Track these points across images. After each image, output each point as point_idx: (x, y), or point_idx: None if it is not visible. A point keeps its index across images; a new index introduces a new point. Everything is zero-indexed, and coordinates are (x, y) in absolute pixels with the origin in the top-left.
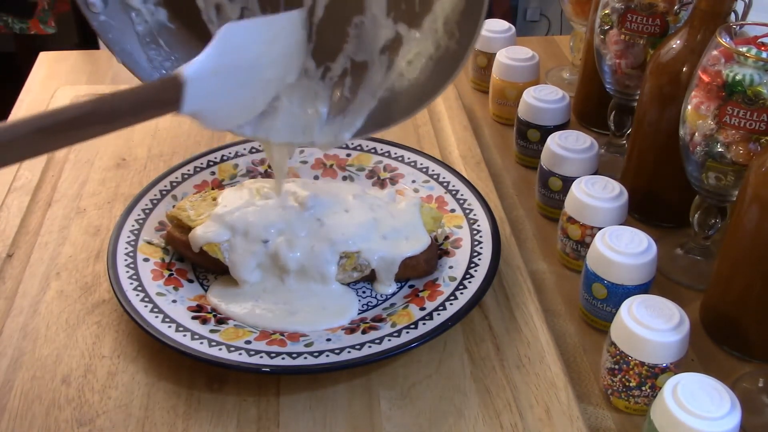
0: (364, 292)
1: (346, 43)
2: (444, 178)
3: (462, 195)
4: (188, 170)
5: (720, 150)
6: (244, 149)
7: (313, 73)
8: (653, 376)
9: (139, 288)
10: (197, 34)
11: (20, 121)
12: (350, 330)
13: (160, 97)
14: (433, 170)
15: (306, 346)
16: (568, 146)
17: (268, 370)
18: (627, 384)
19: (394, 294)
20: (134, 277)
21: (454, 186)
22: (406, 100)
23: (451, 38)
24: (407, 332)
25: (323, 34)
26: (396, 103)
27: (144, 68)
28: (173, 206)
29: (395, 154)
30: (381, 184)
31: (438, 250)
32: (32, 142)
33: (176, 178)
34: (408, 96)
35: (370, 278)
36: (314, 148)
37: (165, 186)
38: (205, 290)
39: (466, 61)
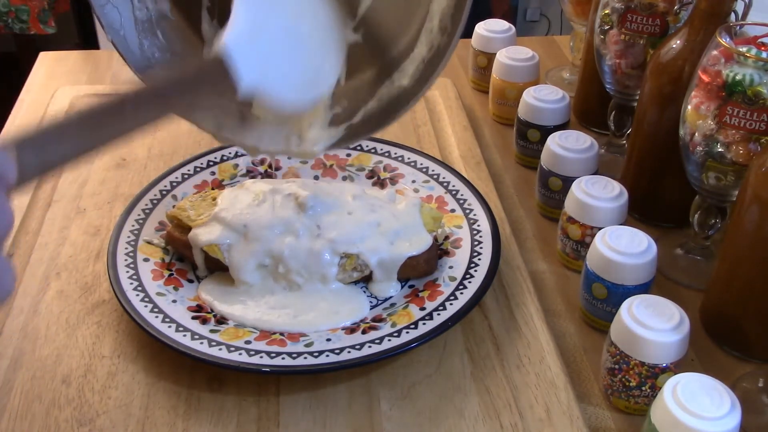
0: (363, 292)
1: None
2: (444, 178)
3: (462, 195)
4: (188, 170)
5: (720, 150)
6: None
7: None
8: (653, 376)
9: (139, 288)
10: (196, 31)
11: (71, 114)
12: (350, 330)
13: (210, 70)
14: (433, 170)
15: (306, 346)
16: (568, 146)
17: (268, 370)
18: (627, 384)
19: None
20: (134, 277)
21: (454, 186)
22: (393, 105)
23: (443, 34)
24: (407, 332)
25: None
26: (383, 110)
27: (134, 54)
28: (173, 206)
29: (395, 154)
30: (381, 184)
31: (438, 250)
32: (81, 133)
33: (176, 178)
34: (395, 101)
35: (369, 280)
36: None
37: (165, 186)
38: None
39: (453, 51)
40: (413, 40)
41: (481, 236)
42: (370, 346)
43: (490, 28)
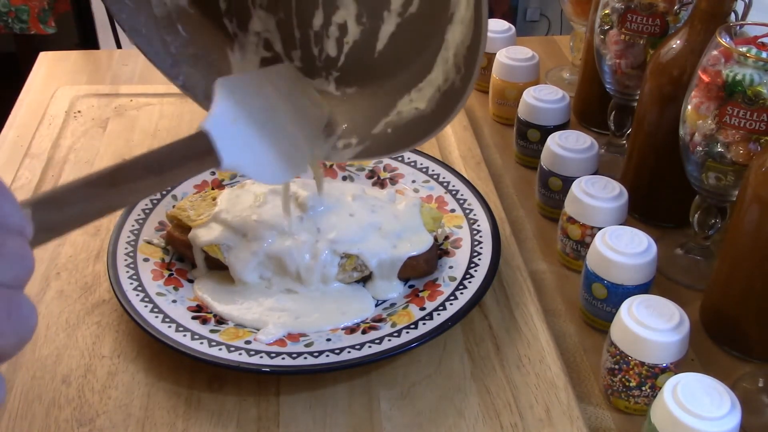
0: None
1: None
2: (444, 178)
3: (462, 195)
4: None
5: (720, 150)
6: None
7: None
8: (653, 376)
9: (139, 288)
10: (217, 23)
11: (71, 181)
12: (350, 330)
13: (193, 148)
14: (433, 170)
15: (306, 346)
16: (568, 146)
17: (268, 370)
18: (627, 384)
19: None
20: (134, 277)
21: (454, 186)
22: (412, 129)
23: (457, 72)
24: (407, 332)
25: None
26: (401, 129)
27: (159, 53)
28: (173, 206)
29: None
30: (381, 184)
31: (438, 250)
32: (87, 197)
33: None
34: (413, 125)
35: (369, 279)
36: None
37: None
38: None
39: (468, 97)
40: (430, 63)
41: (481, 236)
42: (370, 346)
43: (490, 28)
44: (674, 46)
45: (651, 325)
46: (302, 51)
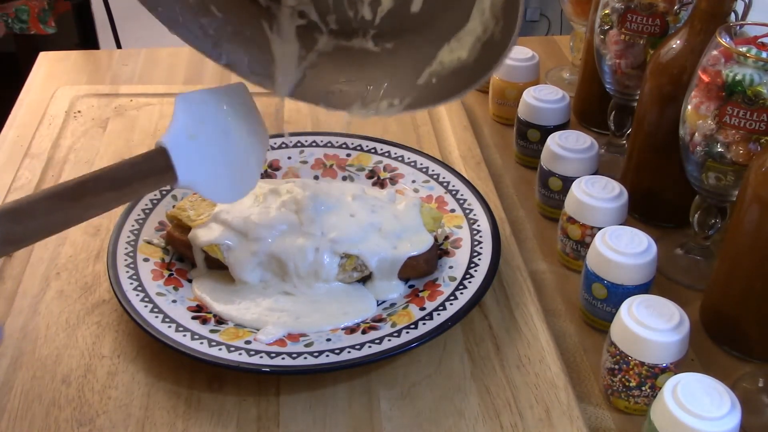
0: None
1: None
2: (444, 178)
3: (462, 195)
4: None
5: (720, 150)
6: None
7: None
8: (653, 376)
9: (139, 288)
10: (248, 0)
11: (34, 193)
12: (350, 330)
13: (153, 164)
14: (433, 170)
15: (306, 346)
16: (568, 146)
17: (268, 370)
18: (627, 384)
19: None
20: (134, 277)
21: (454, 186)
22: (455, 79)
23: (496, 24)
24: (407, 332)
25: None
26: (446, 80)
27: (199, 38)
28: (173, 206)
29: (395, 154)
30: (381, 184)
31: (438, 250)
32: (50, 210)
33: None
34: (457, 75)
35: (369, 279)
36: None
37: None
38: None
39: (511, 49)
40: (466, 14)
41: (481, 236)
42: (370, 346)
43: None
44: (674, 46)
45: (651, 325)
46: (336, 14)
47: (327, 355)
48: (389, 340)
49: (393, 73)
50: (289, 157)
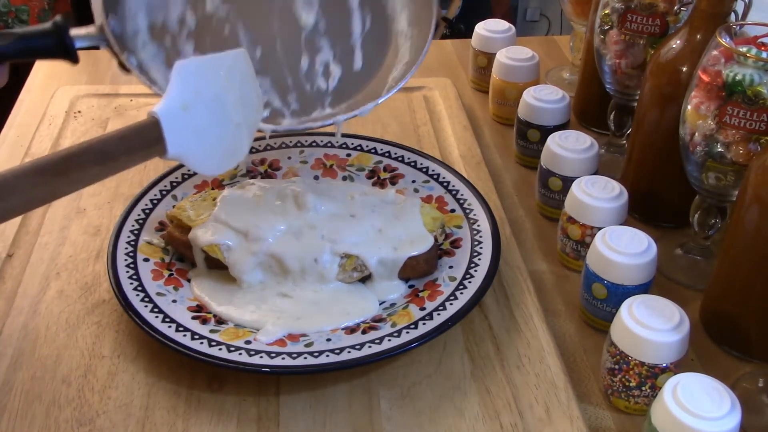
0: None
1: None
2: (444, 178)
3: (462, 195)
4: (189, 170)
5: (720, 150)
6: None
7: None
8: (653, 376)
9: (139, 288)
10: None
11: (18, 166)
12: (350, 330)
13: (143, 136)
14: (433, 170)
15: (306, 346)
16: (568, 146)
17: (268, 370)
18: (627, 384)
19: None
20: (134, 277)
21: (454, 186)
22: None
23: (419, 33)
24: (407, 332)
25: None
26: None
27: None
28: (173, 206)
29: (395, 154)
30: (381, 184)
31: (438, 250)
32: (35, 184)
33: (176, 178)
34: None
35: (369, 279)
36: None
37: (165, 186)
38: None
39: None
40: (395, 48)
41: (481, 236)
42: (370, 346)
43: (490, 28)
44: (674, 46)
45: (651, 325)
46: (296, 92)
47: (327, 355)
48: (389, 340)
49: (353, 107)
50: (289, 157)
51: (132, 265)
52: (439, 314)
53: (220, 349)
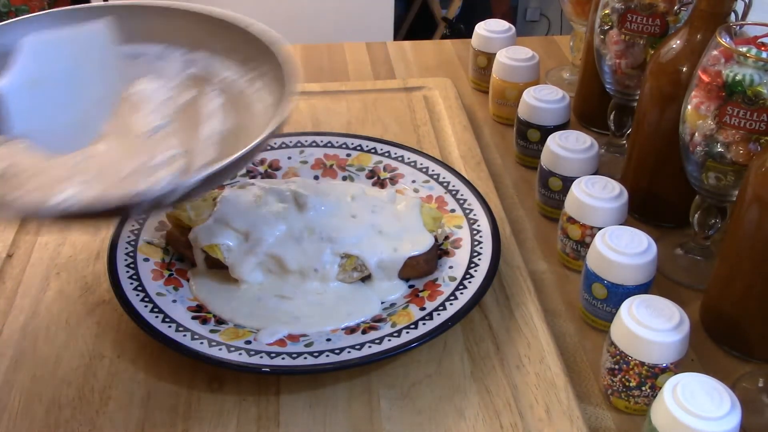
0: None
1: None
2: (444, 178)
3: (462, 195)
4: None
5: (720, 150)
6: None
7: None
8: (653, 376)
9: (139, 288)
10: None
11: None
12: (350, 330)
13: None
14: (433, 170)
15: (306, 346)
16: (568, 146)
17: (268, 370)
18: (627, 384)
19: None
20: (134, 277)
21: (454, 186)
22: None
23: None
24: (407, 332)
25: None
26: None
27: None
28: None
29: (395, 154)
30: (381, 184)
31: (438, 250)
32: None
33: None
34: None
35: (369, 279)
36: None
37: None
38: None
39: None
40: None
41: (481, 236)
42: (370, 346)
43: (490, 28)
44: (674, 46)
45: (651, 325)
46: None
47: (327, 355)
48: (389, 340)
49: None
50: (289, 157)
51: (132, 265)
52: (439, 314)
53: (220, 349)
